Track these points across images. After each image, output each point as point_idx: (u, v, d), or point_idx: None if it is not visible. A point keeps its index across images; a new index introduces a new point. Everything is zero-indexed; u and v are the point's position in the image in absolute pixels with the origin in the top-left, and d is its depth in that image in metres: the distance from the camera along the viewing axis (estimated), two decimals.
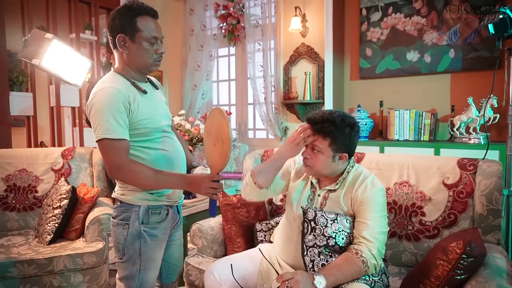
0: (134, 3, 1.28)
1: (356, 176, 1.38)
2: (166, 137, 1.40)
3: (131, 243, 1.33)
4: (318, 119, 1.33)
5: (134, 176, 1.26)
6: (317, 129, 1.33)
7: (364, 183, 1.34)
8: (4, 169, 2.35)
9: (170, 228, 1.44)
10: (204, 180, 1.26)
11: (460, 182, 1.57)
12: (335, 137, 1.31)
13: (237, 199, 1.86)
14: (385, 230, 1.31)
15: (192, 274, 1.72)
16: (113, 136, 1.22)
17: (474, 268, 1.22)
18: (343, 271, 1.20)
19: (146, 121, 1.31)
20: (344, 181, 1.38)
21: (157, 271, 1.41)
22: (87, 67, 2.34)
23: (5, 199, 2.32)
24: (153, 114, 1.34)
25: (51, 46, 2.11)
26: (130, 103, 1.26)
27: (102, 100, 1.22)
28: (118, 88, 1.25)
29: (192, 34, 4.20)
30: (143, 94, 1.33)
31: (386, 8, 3.35)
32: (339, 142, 1.32)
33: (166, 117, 1.45)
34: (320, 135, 1.32)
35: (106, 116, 1.21)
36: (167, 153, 1.38)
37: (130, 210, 1.34)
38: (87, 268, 1.95)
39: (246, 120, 4.19)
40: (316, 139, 1.33)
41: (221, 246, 1.84)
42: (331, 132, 1.31)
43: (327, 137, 1.31)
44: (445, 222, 1.58)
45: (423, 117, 3.06)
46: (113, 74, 1.33)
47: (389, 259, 1.69)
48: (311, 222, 1.33)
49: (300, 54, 3.57)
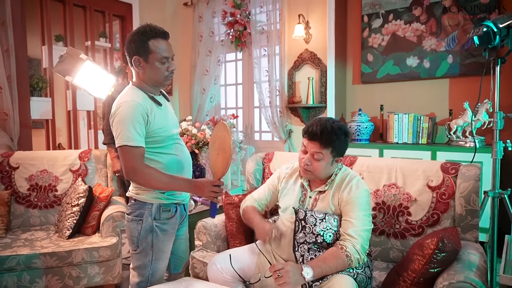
0: (147, 28, 1.45)
1: (343, 178, 1.52)
2: (177, 143, 1.59)
3: (144, 237, 1.51)
4: (319, 132, 1.45)
5: (147, 178, 1.43)
6: (320, 141, 1.45)
7: (349, 185, 1.48)
8: (28, 170, 2.56)
9: (178, 223, 1.61)
10: (207, 185, 1.43)
11: (442, 185, 1.70)
12: (336, 146, 1.47)
13: (239, 199, 2.01)
14: (369, 227, 1.45)
15: (197, 267, 1.88)
16: (132, 143, 1.39)
17: (447, 262, 1.35)
18: (328, 263, 1.35)
19: (161, 130, 1.49)
20: (332, 182, 1.53)
21: (166, 261, 1.59)
22: (111, 82, 2.53)
23: (28, 197, 2.53)
24: (166, 123, 1.53)
25: (84, 66, 2.30)
26: (148, 115, 1.44)
27: (125, 112, 1.40)
28: (138, 101, 1.43)
29: (201, 40, 4.38)
30: (159, 106, 1.52)
31: (387, 15, 3.46)
32: (338, 149, 1.48)
33: (176, 125, 1.64)
34: (322, 145, 1.46)
35: (127, 126, 1.39)
36: (177, 158, 1.56)
37: (143, 208, 1.51)
38: (102, 261, 2.13)
39: (252, 123, 4.35)
40: (318, 148, 1.46)
41: (224, 242, 2.00)
42: (333, 142, 1.45)
43: (329, 146, 1.46)
44: (429, 221, 1.71)
45: (421, 121, 3.17)
46: (132, 88, 1.51)
47: (378, 255, 1.83)
48: (301, 221, 1.48)
49: (304, 59, 3.71)
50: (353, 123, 3.43)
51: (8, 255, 1.98)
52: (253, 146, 4.29)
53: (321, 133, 1.46)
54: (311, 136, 1.48)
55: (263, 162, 2.30)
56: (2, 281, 1.97)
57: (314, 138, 1.47)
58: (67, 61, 2.26)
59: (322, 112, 3.66)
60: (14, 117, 3.23)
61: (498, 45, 1.89)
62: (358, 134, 3.40)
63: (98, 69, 2.44)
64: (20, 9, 3.31)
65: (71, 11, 3.77)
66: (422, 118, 3.18)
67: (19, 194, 2.52)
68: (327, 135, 1.45)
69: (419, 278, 1.35)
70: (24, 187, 2.54)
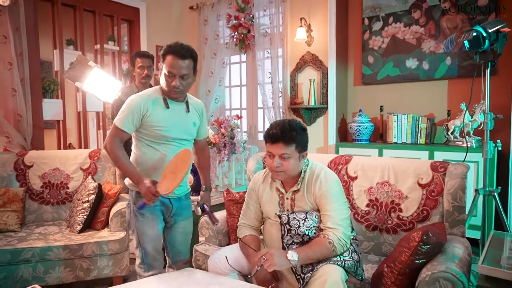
0: (175, 44, 1.64)
1: (311, 174, 1.61)
2: (173, 145, 1.74)
3: (131, 220, 1.80)
4: (280, 132, 1.54)
5: (112, 157, 1.70)
6: (284, 140, 1.53)
7: (318, 180, 1.57)
8: (41, 168, 2.70)
9: (160, 211, 1.78)
10: (148, 188, 1.59)
11: (432, 182, 1.79)
12: (298, 141, 1.55)
13: (240, 196, 2.12)
14: (347, 215, 1.55)
15: (200, 260, 2.00)
16: (120, 126, 1.67)
17: (431, 254, 1.44)
18: (312, 248, 1.47)
19: (157, 127, 1.69)
20: (303, 180, 1.62)
21: (153, 244, 1.76)
22: (118, 87, 2.65)
23: (41, 194, 2.67)
24: (166, 124, 1.70)
25: (92, 72, 2.44)
26: (147, 109, 1.67)
27: (130, 102, 1.69)
28: (143, 97, 1.69)
29: (206, 42, 4.50)
30: (166, 108, 1.70)
31: (387, 18, 3.55)
32: (301, 144, 1.57)
33: (184, 132, 1.78)
34: (286, 144, 1.54)
35: (125, 112, 1.67)
36: (163, 156, 1.72)
37: (130, 194, 1.80)
38: (111, 254, 2.26)
39: (256, 123, 4.45)
40: (284, 148, 1.54)
41: (225, 236, 2.11)
42: (295, 137, 1.54)
43: (292, 143, 1.54)
44: (419, 217, 1.80)
45: (419, 121, 3.25)
46: (154, 88, 1.77)
47: (371, 249, 1.92)
48: (286, 225, 1.57)
49: (306, 61, 3.81)
50: (354, 123, 3.52)
51: (24, 247, 2.12)
52: (256, 146, 4.39)
53: (282, 132, 1.54)
54: (273, 139, 1.56)
55: (263, 161, 2.40)
56: (18, 272, 2.10)
57: (277, 140, 1.55)
58: (77, 68, 2.39)
59: (324, 113, 3.75)
60: (27, 118, 3.38)
61: (488, 49, 1.97)
62: (359, 135, 3.49)
63: (105, 75, 2.56)
64: (33, 15, 3.46)
65: (82, 16, 3.92)
66: (420, 119, 3.25)
67: (33, 191, 2.66)
68: (288, 133, 1.54)
69: (405, 269, 1.45)
70: (37, 185, 2.68)
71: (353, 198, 1.99)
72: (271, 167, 1.60)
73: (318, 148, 3.76)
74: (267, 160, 1.62)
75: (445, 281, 1.31)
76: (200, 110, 1.87)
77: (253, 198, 1.77)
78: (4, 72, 3.22)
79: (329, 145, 3.70)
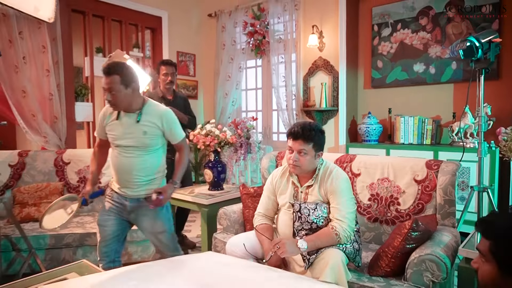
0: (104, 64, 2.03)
1: (324, 172, 1.83)
2: (118, 153, 2.01)
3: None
4: (301, 131, 1.77)
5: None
6: (303, 137, 1.76)
7: (330, 177, 1.79)
8: (77, 164, 3.02)
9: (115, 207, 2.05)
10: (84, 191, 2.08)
11: (426, 179, 1.99)
12: (315, 141, 1.77)
13: (254, 190, 2.37)
14: (353, 210, 1.76)
15: (218, 246, 2.25)
16: (95, 132, 2.15)
17: (420, 240, 1.65)
18: (320, 238, 1.68)
19: (111, 136, 2.02)
20: (317, 177, 1.83)
21: (103, 235, 2.05)
22: (147, 81, 2.93)
23: (77, 188, 2.99)
24: (117, 134, 1.99)
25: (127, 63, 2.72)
26: (104, 120, 2.03)
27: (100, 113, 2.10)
28: (104, 109, 2.05)
29: (224, 48, 4.76)
30: (116, 119, 1.99)
31: (395, 25, 3.73)
32: (318, 143, 1.78)
33: (134, 141, 1.98)
34: (305, 142, 1.77)
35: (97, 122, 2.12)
36: (118, 160, 2.00)
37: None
38: (139, 241, 2.55)
39: (270, 124, 4.69)
40: (302, 145, 1.77)
41: (241, 226, 2.36)
42: (313, 137, 1.76)
43: (310, 142, 1.76)
44: (415, 210, 2.00)
45: (425, 123, 3.42)
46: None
47: (372, 239, 2.13)
48: (297, 213, 1.79)
49: (318, 66, 4.02)
50: (363, 125, 3.71)
51: (66, 233, 2.43)
52: (271, 146, 4.63)
53: (302, 131, 1.76)
54: (294, 136, 1.79)
55: (276, 160, 2.64)
56: (61, 254, 2.41)
57: (298, 137, 1.77)
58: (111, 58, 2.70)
59: (335, 115, 3.96)
60: (62, 120, 3.73)
61: (482, 58, 2.15)
62: (368, 135, 3.68)
63: (138, 68, 2.85)
64: (68, 27, 3.80)
65: (110, 26, 4.25)
66: (426, 121, 3.42)
67: (70, 185, 2.98)
68: (307, 132, 1.76)
69: (397, 252, 1.66)
70: (74, 179, 3.00)
71: (356, 193, 2.20)
72: (289, 161, 1.82)
73: (329, 148, 3.97)
74: (287, 154, 1.85)
75: (430, 262, 1.52)
76: (158, 119, 2.00)
77: (270, 190, 2.00)
78: (43, 78, 3.57)
79: (339, 145, 3.91)
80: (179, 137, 2.10)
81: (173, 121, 2.06)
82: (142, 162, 2.00)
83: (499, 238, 0.86)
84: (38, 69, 3.54)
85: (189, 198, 2.64)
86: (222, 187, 2.82)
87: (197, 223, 3.99)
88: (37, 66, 3.53)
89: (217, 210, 2.45)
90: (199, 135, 2.71)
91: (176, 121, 2.09)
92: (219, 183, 2.80)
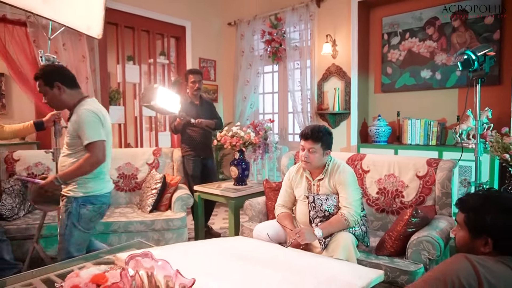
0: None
1: (333, 167, 2.15)
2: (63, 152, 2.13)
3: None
4: (310, 132, 2.10)
5: None
6: (312, 138, 2.09)
7: (338, 171, 2.11)
8: (117, 162, 3.41)
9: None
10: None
11: (427, 175, 2.29)
12: (323, 141, 2.10)
13: (276, 184, 2.70)
14: (358, 198, 2.07)
15: (245, 233, 2.59)
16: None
17: (420, 225, 1.96)
18: (333, 225, 2.01)
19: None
20: (326, 172, 2.15)
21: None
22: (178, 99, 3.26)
23: (117, 183, 3.37)
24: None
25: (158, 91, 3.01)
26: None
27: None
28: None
29: (243, 55, 5.11)
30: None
31: (404, 34, 4.01)
32: (325, 143, 2.11)
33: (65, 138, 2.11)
34: (314, 141, 2.09)
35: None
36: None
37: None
38: (175, 229, 2.91)
39: (286, 126, 5.02)
40: (312, 144, 2.09)
41: (264, 216, 2.70)
42: (321, 138, 2.09)
43: (319, 141, 2.09)
44: (417, 201, 2.30)
45: (431, 125, 3.70)
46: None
47: (380, 227, 2.44)
48: (312, 203, 2.12)
49: (331, 72, 4.33)
50: (373, 127, 4.01)
51: (112, 221, 2.81)
52: (287, 146, 4.95)
53: (312, 133, 2.09)
54: (305, 136, 2.12)
55: (294, 158, 2.97)
56: (109, 240, 2.79)
57: (308, 138, 2.10)
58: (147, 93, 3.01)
59: (347, 118, 4.26)
60: None
61: (478, 69, 2.43)
62: (377, 137, 3.97)
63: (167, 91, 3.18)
64: (103, 38, 4.19)
65: (139, 35, 4.64)
66: (432, 123, 3.70)
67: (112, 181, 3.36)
68: (316, 133, 2.09)
69: (400, 235, 1.97)
70: (114, 175, 3.38)
71: (366, 187, 2.51)
72: (301, 158, 2.16)
73: (341, 148, 4.28)
74: (300, 153, 2.18)
75: (426, 243, 1.83)
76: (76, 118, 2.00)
77: (288, 184, 2.34)
78: (82, 84, 3.97)
79: (351, 145, 4.21)
80: (86, 139, 1.99)
81: (83, 121, 1.98)
82: (64, 160, 2.09)
83: (470, 211, 1.17)
84: (78, 76, 3.91)
85: (218, 191, 2.99)
86: (246, 182, 3.17)
87: (219, 217, 4.35)
88: (77, 73, 3.94)
89: (242, 203, 2.79)
90: (226, 136, 3.05)
91: (89, 123, 1.99)
92: (243, 179, 3.15)
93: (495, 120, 3.36)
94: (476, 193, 1.23)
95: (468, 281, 1.00)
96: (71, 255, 2.00)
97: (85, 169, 2.01)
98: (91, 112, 2.01)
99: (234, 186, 3.11)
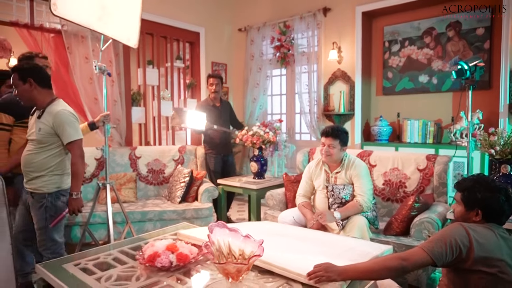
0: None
1: (349, 162, 2.52)
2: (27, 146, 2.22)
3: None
4: (330, 130, 2.49)
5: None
6: (332, 135, 2.47)
7: (354, 165, 2.49)
8: (146, 158, 3.76)
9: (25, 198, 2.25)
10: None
11: (426, 168, 2.68)
12: (341, 138, 2.48)
13: (294, 177, 3.07)
14: (370, 187, 2.45)
15: (268, 219, 2.96)
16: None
17: (421, 209, 2.35)
18: (348, 209, 2.38)
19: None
20: (343, 166, 2.53)
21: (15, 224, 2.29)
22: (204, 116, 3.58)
23: (147, 177, 3.73)
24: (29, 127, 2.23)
25: (187, 113, 3.32)
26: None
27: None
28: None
29: (252, 59, 5.47)
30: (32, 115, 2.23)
31: (404, 42, 4.40)
32: (343, 140, 2.49)
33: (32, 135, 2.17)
34: (333, 138, 2.46)
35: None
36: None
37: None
38: (203, 217, 3.27)
39: (294, 126, 5.40)
40: (331, 140, 2.47)
41: (284, 205, 3.07)
42: (339, 135, 2.47)
43: (337, 138, 2.47)
44: (417, 191, 2.69)
45: (428, 125, 4.10)
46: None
47: (386, 214, 2.82)
48: (330, 192, 2.49)
49: (336, 76, 4.71)
50: (375, 126, 4.40)
51: (148, 210, 3.17)
52: (294, 144, 5.32)
53: (332, 131, 2.48)
54: (326, 134, 2.51)
55: (308, 154, 3.35)
56: (145, 227, 3.15)
57: (328, 135, 2.48)
58: (176, 116, 3.37)
59: (351, 118, 4.65)
60: (123, 122, 4.48)
61: (469, 77, 2.83)
62: (379, 136, 4.36)
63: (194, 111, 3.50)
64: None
65: (158, 41, 4.99)
66: (429, 123, 4.10)
67: (141, 175, 3.72)
68: (335, 132, 2.48)
69: (404, 218, 2.36)
70: (144, 170, 3.73)
71: (373, 179, 2.90)
72: (322, 152, 2.53)
73: None
74: (321, 147, 2.55)
75: (427, 223, 2.22)
76: (51, 118, 2.10)
77: (308, 176, 2.71)
78: (109, 88, 4.31)
79: (355, 144, 4.59)
80: (66, 138, 2.13)
81: (63, 121, 2.10)
82: (33, 157, 2.15)
83: (465, 190, 1.55)
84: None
85: (239, 184, 3.35)
86: (264, 176, 3.54)
87: (233, 209, 4.72)
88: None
89: (263, 194, 3.16)
90: (248, 135, 3.42)
91: (69, 122, 2.12)
92: (262, 173, 3.52)
93: (485, 120, 3.76)
94: (470, 177, 1.61)
95: (462, 241, 1.38)
96: (56, 241, 2.20)
97: (80, 166, 2.21)
98: (69, 112, 2.16)
99: (253, 179, 3.48)
